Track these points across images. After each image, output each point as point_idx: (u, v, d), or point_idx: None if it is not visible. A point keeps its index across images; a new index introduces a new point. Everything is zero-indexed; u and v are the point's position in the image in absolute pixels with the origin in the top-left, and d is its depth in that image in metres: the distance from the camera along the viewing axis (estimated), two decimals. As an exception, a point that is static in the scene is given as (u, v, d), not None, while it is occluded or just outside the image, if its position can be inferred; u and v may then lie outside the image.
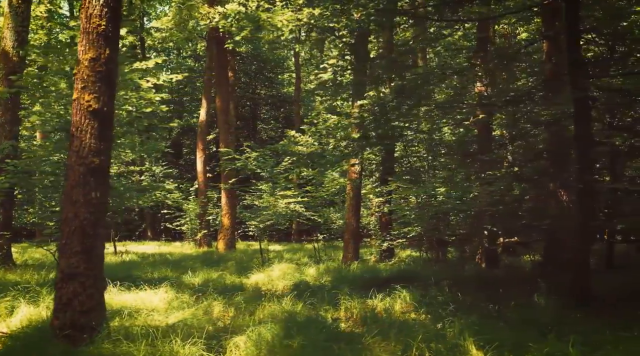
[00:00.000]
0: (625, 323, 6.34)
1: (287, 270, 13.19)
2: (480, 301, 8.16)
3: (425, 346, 5.48)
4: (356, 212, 14.18)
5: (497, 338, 5.70)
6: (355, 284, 10.92)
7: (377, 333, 6.34)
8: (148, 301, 7.64)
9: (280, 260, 15.67)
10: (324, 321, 7.02)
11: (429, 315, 7.77)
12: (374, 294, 9.08)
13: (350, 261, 13.58)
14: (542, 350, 5.10)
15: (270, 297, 8.46)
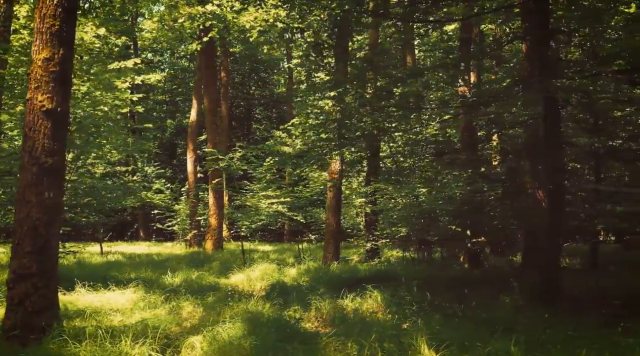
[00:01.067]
0: (581, 323, 6.36)
1: (267, 271, 13.20)
2: (447, 301, 8.17)
3: (379, 346, 5.50)
4: (336, 212, 14.18)
5: (453, 337, 5.72)
6: (332, 284, 10.93)
7: (339, 333, 6.36)
8: (114, 302, 7.65)
9: (265, 261, 15.66)
10: (286, 322, 7.03)
11: (396, 315, 7.80)
12: (347, 294, 9.10)
13: (330, 261, 13.58)
14: (492, 348, 5.12)
15: (239, 298, 8.45)
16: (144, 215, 34.49)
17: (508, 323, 6.38)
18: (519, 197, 11.51)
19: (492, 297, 8.30)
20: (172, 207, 27.92)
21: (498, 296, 8.52)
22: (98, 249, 21.70)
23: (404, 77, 10.60)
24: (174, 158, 40.95)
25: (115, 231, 33.34)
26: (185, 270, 13.15)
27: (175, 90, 42.15)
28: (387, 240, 16.35)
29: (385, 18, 9.48)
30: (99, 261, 16.82)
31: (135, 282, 9.26)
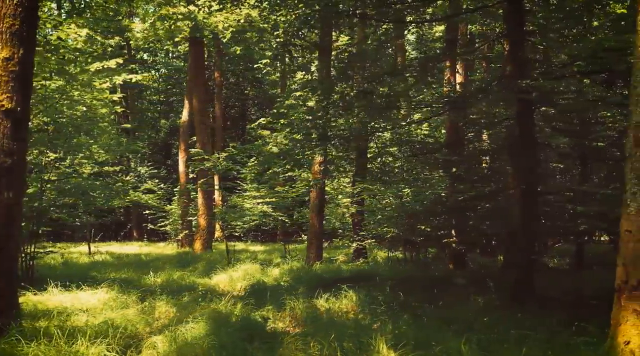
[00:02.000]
0: (543, 323, 6.38)
1: (250, 271, 13.19)
2: (419, 301, 8.19)
3: (338, 346, 5.51)
4: (319, 212, 14.18)
5: (415, 337, 5.74)
6: (312, 284, 10.94)
7: (308, 333, 6.37)
8: (85, 302, 7.65)
9: (251, 261, 15.64)
10: (254, 321, 7.04)
11: (368, 315, 7.82)
12: (322, 294, 9.11)
13: (313, 261, 13.60)
14: (443, 347, 5.14)
15: (211, 298, 8.45)
16: (137, 216, 34.49)
17: (472, 322, 6.40)
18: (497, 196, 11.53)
19: (465, 297, 8.30)
20: (163, 207, 27.91)
21: (472, 297, 8.54)
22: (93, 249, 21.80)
23: (383, 77, 10.65)
24: (169, 159, 40.94)
25: (108, 231, 33.36)
26: (168, 270, 13.16)
27: (170, 90, 42.13)
28: (372, 241, 16.37)
29: (354, 17, 9.48)
30: (85, 261, 16.86)
31: (108, 282, 9.23)
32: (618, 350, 4.82)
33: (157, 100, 42.86)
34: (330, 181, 18.20)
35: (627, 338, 4.79)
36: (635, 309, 4.78)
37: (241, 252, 21.79)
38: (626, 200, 5.02)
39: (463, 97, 9.71)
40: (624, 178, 5.04)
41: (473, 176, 11.50)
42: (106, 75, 10.09)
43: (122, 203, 19.04)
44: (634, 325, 4.77)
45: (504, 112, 11.73)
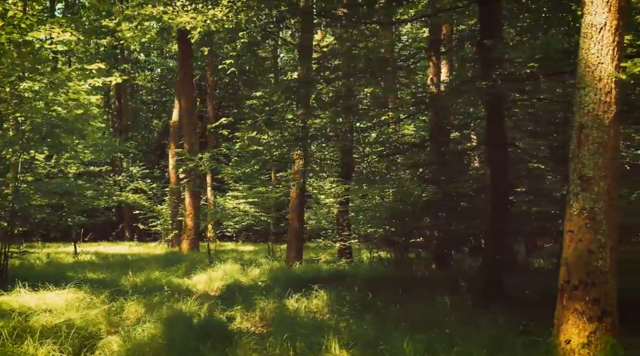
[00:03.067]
0: (495, 322, 6.44)
1: (230, 271, 13.24)
2: (387, 301, 8.23)
3: (291, 345, 5.56)
4: (299, 212, 14.22)
5: (371, 336, 5.79)
6: (289, 284, 10.96)
7: (269, 333, 6.43)
8: (51, 302, 7.69)
9: (235, 261, 15.66)
10: (218, 321, 7.09)
11: (335, 315, 7.87)
12: (293, 294, 9.16)
13: (292, 261, 13.64)
14: (389, 346, 5.19)
15: (179, 298, 8.48)
16: (129, 216, 34.53)
17: (430, 322, 6.44)
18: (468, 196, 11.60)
19: (433, 298, 8.33)
20: (154, 207, 27.96)
21: (441, 297, 8.57)
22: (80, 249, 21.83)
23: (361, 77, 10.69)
24: (163, 158, 40.96)
25: (101, 231, 33.37)
26: (147, 271, 13.19)
27: (164, 90, 42.15)
28: (356, 241, 16.41)
29: (321, 17, 9.52)
30: (69, 261, 16.90)
31: (78, 282, 9.26)
32: (559, 349, 4.87)
33: (150, 100, 42.91)
34: (315, 181, 18.24)
35: (567, 337, 4.83)
36: (576, 309, 4.83)
37: (230, 252, 21.84)
38: (569, 200, 5.06)
39: (435, 98, 9.75)
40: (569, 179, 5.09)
41: (441, 176, 11.54)
42: (83, 77, 10.09)
43: (108, 204, 19.04)
44: (575, 324, 4.81)
45: (479, 112, 11.80)
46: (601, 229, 4.84)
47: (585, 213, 4.89)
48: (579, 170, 4.98)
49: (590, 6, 5.04)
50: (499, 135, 8.96)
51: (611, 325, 4.78)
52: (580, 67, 5.08)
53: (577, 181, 4.98)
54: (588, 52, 5.02)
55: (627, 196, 5.65)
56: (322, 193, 16.26)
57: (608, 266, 4.82)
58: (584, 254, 4.85)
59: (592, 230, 4.85)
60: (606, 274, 4.82)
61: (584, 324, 4.76)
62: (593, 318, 4.76)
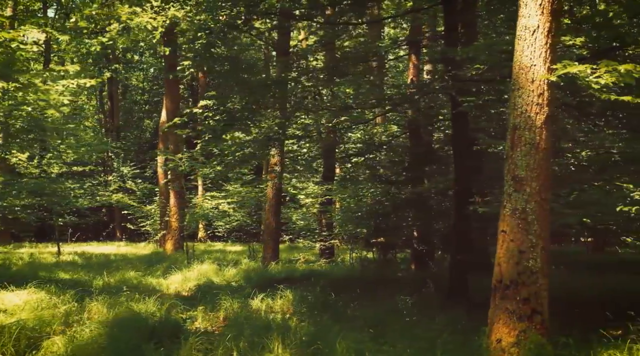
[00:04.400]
0: (443, 321, 6.50)
1: (206, 271, 13.28)
2: (348, 300, 8.28)
3: (234, 345, 5.61)
4: (276, 212, 14.26)
5: (315, 337, 5.83)
6: (261, 284, 11.03)
7: (225, 333, 6.48)
8: (8, 302, 7.72)
9: (214, 261, 15.67)
10: (173, 321, 7.13)
11: (295, 315, 7.92)
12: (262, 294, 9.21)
13: (268, 261, 13.69)
14: (326, 345, 5.26)
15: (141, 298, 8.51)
16: (120, 216, 34.55)
17: (379, 322, 6.50)
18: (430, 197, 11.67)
19: (393, 298, 8.38)
20: (142, 207, 27.99)
21: (403, 297, 8.62)
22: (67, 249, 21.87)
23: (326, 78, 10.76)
24: (155, 159, 40.95)
25: (92, 231, 33.40)
26: (123, 271, 13.23)
27: (156, 90, 42.16)
28: (336, 241, 16.47)
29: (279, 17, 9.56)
30: (51, 261, 16.93)
31: (39, 282, 9.30)
32: (491, 348, 4.92)
33: (142, 100, 42.92)
34: (298, 182, 18.30)
35: (498, 336, 4.88)
36: (507, 308, 4.88)
37: (216, 252, 21.89)
38: (503, 201, 5.11)
39: (406, 97, 9.80)
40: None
41: (398, 176, 11.60)
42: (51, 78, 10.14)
43: (92, 204, 19.06)
44: (505, 323, 4.86)
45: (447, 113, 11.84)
46: (532, 229, 4.89)
47: (518, 214, 4.94)
48: (512, 171, 5.04)
49: (525, 9, 5.09)
50: (463, 135, 9.01)
51: (541, 324, 4.83)
52: (515, 69, 5.13)
53: (510, 182, 5.04)
54: (522, 54, 5.07)
55: (567, 196, 5.69)
56: (303, 194, 16.29)
57: (539, 266, 4.87)
58: (515, 254, 4.90)
59: (524, 230, 4.90)
60: (537, 274, 4.87)
61: (514, 323, 4.81)
62: (523, 318, 4.81)
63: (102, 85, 39.90)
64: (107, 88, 39.75)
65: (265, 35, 15.13)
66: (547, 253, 4.94)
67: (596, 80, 4.60)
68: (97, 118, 40.55)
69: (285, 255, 19.18)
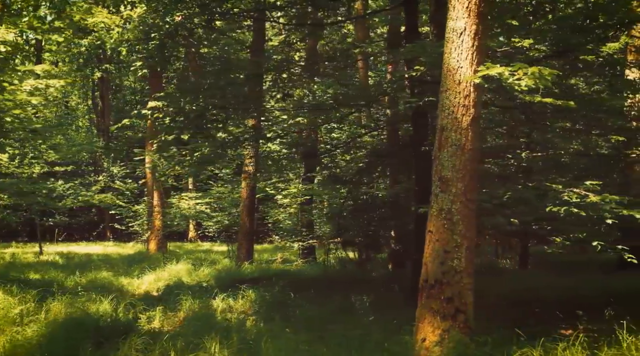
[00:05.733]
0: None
1: (179, 272, 13.34)
2: (304, 301, 8.33)
3: (172, 345, 5.67)
4: (250, 212, 14.32)
5: (253, 337, 5.91)
6: (229, 284, 11.09)
7: (175, 333, 6.54)
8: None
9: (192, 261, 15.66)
10: (122, 322, 7.18)
11: (252, 315, 8.00)
12: (223, 294, 9.28)
13: (242, 261, 13.75)
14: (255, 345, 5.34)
15: (99, 299, 8.55)
16: (110, 215, 34.59)
17: (325, 322, 6.57)
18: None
19: (349, 297, 8.43)
20: (130, 207, 28.06)
21: (364, 296, 8.66)
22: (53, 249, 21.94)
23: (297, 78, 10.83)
24: (144, 158, 40.98)
25: (83, 231, 33.47)
26: (96, 271, 13.27)
27: (148, 90, 42.14)
28: (314, 241, 16.51)
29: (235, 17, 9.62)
30: (31, 261, 16.99)
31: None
32: (416, 347, 4.97)
33: (134, 99, 42.96)
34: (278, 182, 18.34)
35: (423, 335, 4.94)
36: (432, 307, 4.93)
37: (201, 252, 21.93)
38: (431, 201, 5.17)
39: (366, 98, 9.86)
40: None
41: (355, 177, 11.66)
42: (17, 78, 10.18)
43: (75, 204, 19.12)
44: (430, 322, 4.92)
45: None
46: (457, 229, 4.95)
47: (443, 214, 5.00)
48: (438, 172, 5.09)
49: (453, 11, 5.15)
50: (422, 135, 9.05)
51: (464, 323, 4.89)
52: (444, 71, 5.19)
53: (437, 182, 5.09)
54: (449, 56, 5.12)
55: (501, 197, 5.74)
56: (281, 194, 16.34)
57: (463, 265, 4.92)
58: (440, 254, 4.95)
59: (449, 231, 4.95)
60: (461, 273, 4.92)
61: (438, 322, 4.86)
62: (447, 317, 4.86)
63: (94, 85, 40.01)
64: (99, 88, 39.81)
65: (237, 35, 15.18)
66: (472, 253, 5.00)
67: (518, 83, 4.65)
68: (88, 118, 40.65)
69: (267, 255, 19.25)
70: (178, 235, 32.04)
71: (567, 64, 6.85)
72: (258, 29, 13.37)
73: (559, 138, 6.97)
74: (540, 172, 6.50)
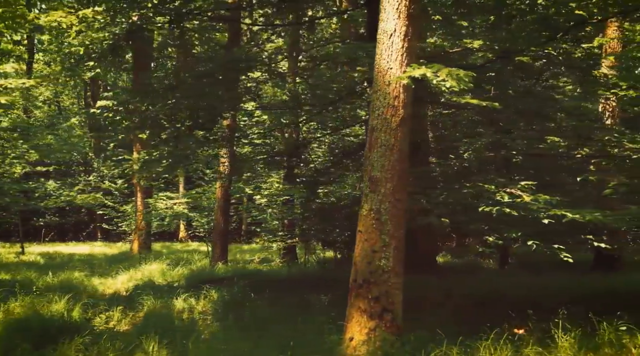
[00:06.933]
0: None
1: (153, 271, 13.37)
2: (263, 301, 8.36)
3: (111, 346, 5.71)
4: (224, 212, 14.34)
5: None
6: (200, 284, 11.10)
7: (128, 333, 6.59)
8: None
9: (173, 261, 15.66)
10: (77, 322, 7.22)
11: (210, 315, 8.04)
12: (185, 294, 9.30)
13: (216, 262, 13.77)
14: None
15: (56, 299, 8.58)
16: (100, 215, 34.59)
17: (273, 321, 6.63)
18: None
19: (307, 297, 8.46)
20: (119, 206, 28.13)
21: (323, 296, 8.68)
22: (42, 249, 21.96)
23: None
24: (132, 158, 40.94)
25: (75, 231, 33.48)
26: (70, 272, 13.27)
27: (139, 90, 42.11)
28: (292, 241, 16.49)
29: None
30: (11, 261, 17.01)
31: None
32: (344, 346, 5.00)
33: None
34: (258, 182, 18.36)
35: (351, 335, 4.97)
36: (360, 307, 4.96)
37: (186, 252, 21.95)
38: (361, 201, 5.20)
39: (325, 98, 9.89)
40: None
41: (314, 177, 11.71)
42: None
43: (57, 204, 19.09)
44: (358, 322, 4.95)
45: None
46: (386, 229, 4.97)
47: (372, 214, 5.03)
48: (369, 172, 5.12)
49: (383, 13, 5.17)
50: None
51: (391, 322, 4.91)
52: (375, 72, 5.21)
53: (367, 182, 5.12)
54: (380, 58, 5.15)
55: (437, 197, 5.76)
56: (259, 194, 16.35)
57: (391, 265, 4.95)
58: (369, 253, 4.98)
59: (377, 230, 4.98)
60: (389, 273, 4.95)
61: (365, 321, 4.89)
62: (374, 316, 4.89)
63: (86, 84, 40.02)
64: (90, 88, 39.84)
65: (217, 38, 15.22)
66: (401, 253, 5.02)
67: (443, 84, 4.68)
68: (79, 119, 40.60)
69: (249, 255, 19.27)
70: (169, 235, 32.11)
71: (509, 66, 6.86)
72: (233, 30, 13.39)
73: (507, 139, 6.99)
74: (480, 173, 6.52)
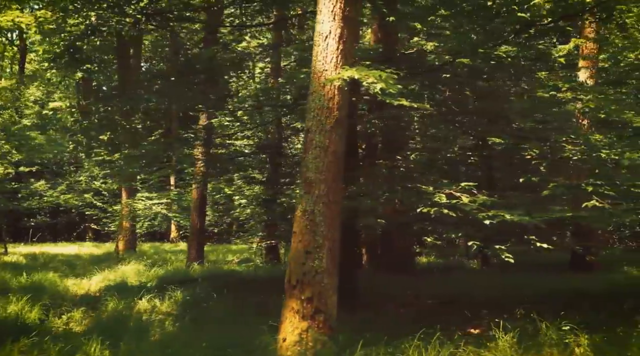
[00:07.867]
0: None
1: (128, 272, 13.38)
2: (223, 302, 8.39)
3: (53, 347, 5.74)
4: (200, 212, 14.35)
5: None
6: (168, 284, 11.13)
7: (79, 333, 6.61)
8: None
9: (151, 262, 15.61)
10: (27, 323, 7.24)
11: (168, 316, 8.06)
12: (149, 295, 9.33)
13: (191, 262, 13.79)
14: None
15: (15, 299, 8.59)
16: (91, 216, 34.61)
17: (228, 322, 6.67)
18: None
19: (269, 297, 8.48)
20: (107, 207, 28.18)
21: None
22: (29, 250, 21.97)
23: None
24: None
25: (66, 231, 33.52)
26: (44, 272, 13.27)
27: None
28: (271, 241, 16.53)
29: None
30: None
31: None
32: (277, 347, 5.03)
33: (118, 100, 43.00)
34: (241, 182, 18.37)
35: (284, 335, 4.99)
36: (293, 307, 4.98)
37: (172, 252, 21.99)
38: (297, 202, 5.22)
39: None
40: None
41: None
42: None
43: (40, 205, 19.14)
44: (290, 322, 4.97)
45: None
46: (319, 230, 5.00)
47: (307, 215, 5.05)
48: (304, 173, 5.15)
49: (319, 15, 5.20)
50: (351, 142, 9.09)
51: (324, 323, 4.94)
52: (311, 74, 5.24)
53: (302, 184, 5.15)
54: (316, 60, 5.18)
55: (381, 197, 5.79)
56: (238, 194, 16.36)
57: (324, 266, 4.98)
58: (302, 254, 5.01)
59: (311, 232, 5.01)
60: (322, 274, 4.97)
61: (297, 322, 4.91)
62: (306, 316, 4.91)
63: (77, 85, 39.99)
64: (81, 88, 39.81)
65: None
66: (334, 254, 5.05)
67: (374, 86, 4.70)
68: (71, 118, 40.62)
69: (231, 255, 19.29)
70: (160, 235, 32.17)
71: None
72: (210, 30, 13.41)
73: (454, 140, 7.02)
74: (423, 174, 6.55)
